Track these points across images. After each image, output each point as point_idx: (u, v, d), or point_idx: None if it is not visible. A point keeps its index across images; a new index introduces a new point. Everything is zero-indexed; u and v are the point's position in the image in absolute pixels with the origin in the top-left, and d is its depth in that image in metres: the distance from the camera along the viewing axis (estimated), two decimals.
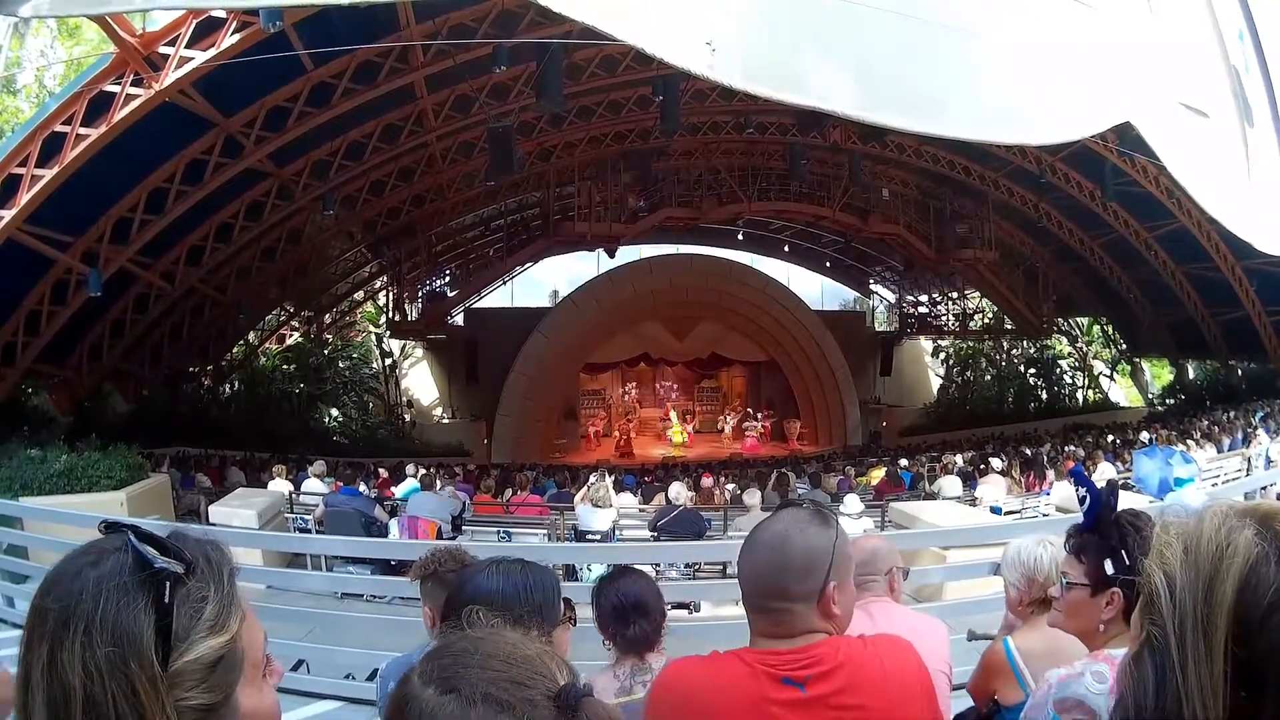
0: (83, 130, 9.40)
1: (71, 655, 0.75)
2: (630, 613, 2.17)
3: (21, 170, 9.51)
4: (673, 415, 27.28)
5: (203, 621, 0.80)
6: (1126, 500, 1.81)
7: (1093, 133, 3.17)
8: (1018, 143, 11.60)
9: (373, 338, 25.34)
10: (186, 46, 9.01)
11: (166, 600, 0.78)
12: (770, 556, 1.42)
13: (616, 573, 2.46)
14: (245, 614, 0.86)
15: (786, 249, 29.37)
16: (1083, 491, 1.67)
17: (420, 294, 22.99)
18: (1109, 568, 1.55)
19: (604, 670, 2.22)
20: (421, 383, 26.44)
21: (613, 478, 10.75)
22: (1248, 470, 10.68)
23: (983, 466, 12.08)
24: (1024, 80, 2.86)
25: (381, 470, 12.88)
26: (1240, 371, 21.55)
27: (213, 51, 9.00)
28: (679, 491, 7.87)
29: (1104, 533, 1.60)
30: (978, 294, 27.30)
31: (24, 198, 9.56)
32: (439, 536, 7.14)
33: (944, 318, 28.48)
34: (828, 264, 30.07)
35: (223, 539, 0.90)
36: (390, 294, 23.56)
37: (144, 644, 0.76)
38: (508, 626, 0.85)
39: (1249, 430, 13.69)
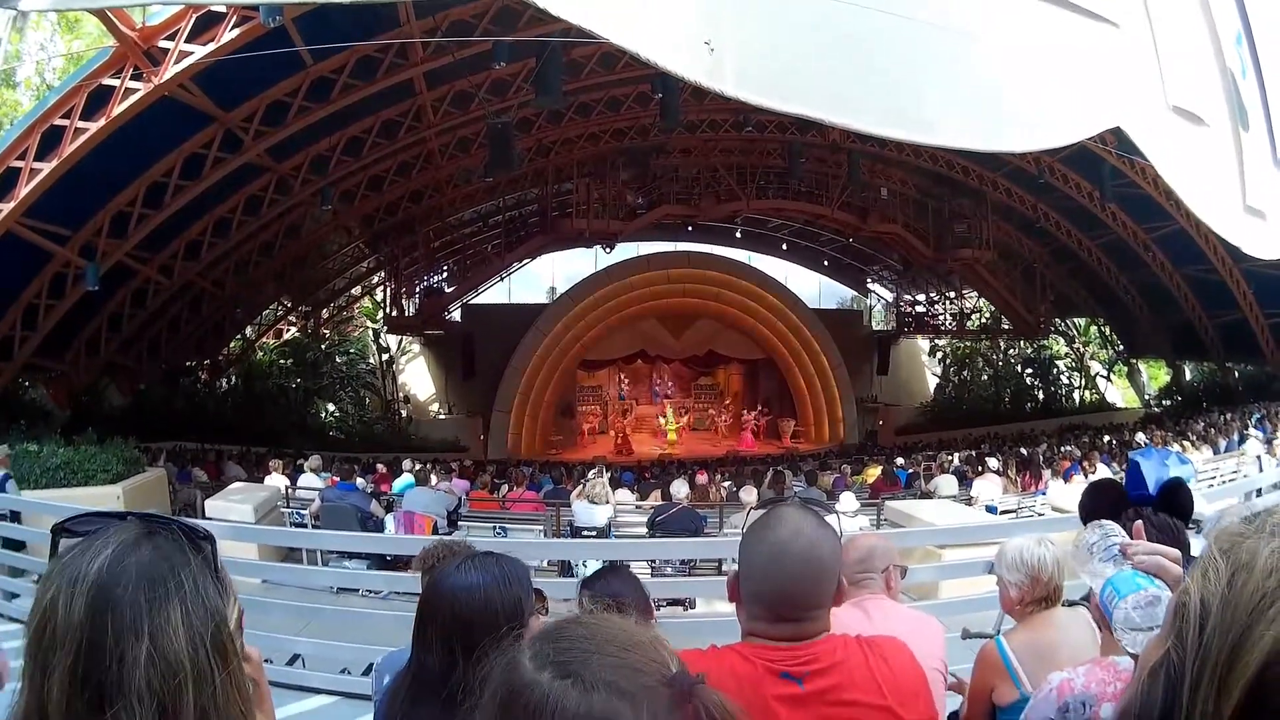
0: (82, 124, 9.39)
1: (177, 635, 0.78)
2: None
3: (20, 163, 9.50)
4: (668, 412, 27.30)
5: (227, 585, 0.88)
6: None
7: (1084, 137, 3.17)
8: (1011, 150, 11.56)
9: (370, 333, 25.35)
10: (186, 41, 9.01)
11: (219, 571, 0.86)
12: (806, 569, 1.41)
13: (602, 571, 2.52)
14: None
15: (784, 247, 29.37)
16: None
17: (418, 289, 22.93)
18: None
19: None
20: (418, 378, 26.44)
21: (609, 474, 10.76)
22: (1259, 467, 10.67)
23: (979, 467, 12.11)
24: (1017, 86, 2.85)
25: (380, 465, 12.89)
26: (1237, 374, 21.61)
27: (212, 46, 9.00)
28: (679, 489, 7.92)
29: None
30: (975, 294, 27.32)
31: (22, 191, 9.55)
32: (435, 532, 7.16)
33: (941, 317, 28.50)
34: (825, 262, 30.07)
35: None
36: (388, 289, 23.49)
37: (224, 612, 0.84)
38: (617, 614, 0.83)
39: (1244, 433, 13.74)
